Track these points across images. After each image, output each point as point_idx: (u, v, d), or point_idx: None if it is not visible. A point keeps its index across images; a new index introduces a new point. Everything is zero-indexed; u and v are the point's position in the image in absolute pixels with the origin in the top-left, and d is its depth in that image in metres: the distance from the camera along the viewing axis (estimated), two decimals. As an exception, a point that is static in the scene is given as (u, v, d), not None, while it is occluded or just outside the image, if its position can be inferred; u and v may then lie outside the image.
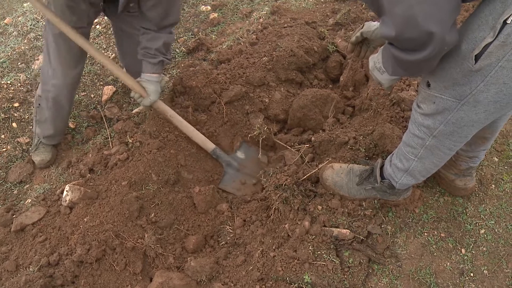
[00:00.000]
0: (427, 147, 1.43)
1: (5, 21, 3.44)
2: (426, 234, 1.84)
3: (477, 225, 1.85)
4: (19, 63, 3.01)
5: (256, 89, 2.54)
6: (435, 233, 1.84)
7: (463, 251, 1.79)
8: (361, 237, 1.77)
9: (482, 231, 1.84)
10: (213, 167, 2.36)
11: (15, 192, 2.35)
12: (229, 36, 3.10)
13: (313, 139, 2.20)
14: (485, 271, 1.73)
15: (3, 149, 2.53)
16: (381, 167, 1.74)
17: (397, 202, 1.84)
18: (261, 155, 2.40)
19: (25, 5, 3.68)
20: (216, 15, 3.35)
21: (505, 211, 1.89)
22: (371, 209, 1.83)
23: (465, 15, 2.41)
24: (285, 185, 1.92)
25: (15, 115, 2.66)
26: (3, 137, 2.58)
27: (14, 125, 2.63)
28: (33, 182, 2.38)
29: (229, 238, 1.99)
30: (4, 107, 2.64)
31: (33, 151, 2.43)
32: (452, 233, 1.84)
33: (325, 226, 1.81)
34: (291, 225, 1.84)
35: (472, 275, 1.72)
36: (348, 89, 2.58)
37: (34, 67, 2.94)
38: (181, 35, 3.25)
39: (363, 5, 3.08)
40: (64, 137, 2.55)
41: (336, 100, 2.41)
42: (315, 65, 2.75)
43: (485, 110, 1.19)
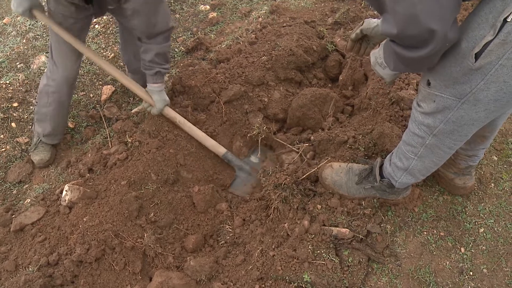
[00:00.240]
0: (427, 146, 1.43)
1: (4, 21, 3.43)
2: (425, 233, 1.84)
3: (477, 224, 1.86)
4: (18, 63, 3.00)
5: (255, 89, 2.53)
6: (435, 232, 1.84)
7: (463, 250, 1.79)
8: (361, 236, 1.77)
9: (481, 230, 1.84)
10: (212, 167, 2.36)
11: (14, 192, 2.34)
12: (228, 35, 3.10)
13: (312, 138, 2.20)
14: (484, 269, 1.74)
15: (2, 149, 2.52)
16: (381, 166, 1.74)
17: (396, 201, 1.84)
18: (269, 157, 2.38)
19: (23, 4, 3.67)
20: (215, 14, 3.34)
21: (504, 210, 1.90)
22: (370, 208, 1.83)
23: (464, 14, 2.41)
24: (284, 184, 1.91)
25: (14, 115, 2.66)
26: (2, 137, 2.57)
27: (13, 125, 2.62)
28: (32, 182, 2.38)
29: (228, 237, 1.98)
30: (3, 107, 2.64)
31: (32, 151, 2.42)
32: (451, 232, 1.84)
33: (324, 225, 1.81)
34: (291, 224, 1.84)
35: (471, 273, 1.73)
36: (347, 88, 2.57)
37: (33, 67, 2.94)
38: (180, 35, 3.24)
39: (362, 4, 3.08)
40: (63, 137, 2.55)
41: (335, 99, 2.41)
42: (314, 64, 2.75)
43: (485, 108, 1.19)
